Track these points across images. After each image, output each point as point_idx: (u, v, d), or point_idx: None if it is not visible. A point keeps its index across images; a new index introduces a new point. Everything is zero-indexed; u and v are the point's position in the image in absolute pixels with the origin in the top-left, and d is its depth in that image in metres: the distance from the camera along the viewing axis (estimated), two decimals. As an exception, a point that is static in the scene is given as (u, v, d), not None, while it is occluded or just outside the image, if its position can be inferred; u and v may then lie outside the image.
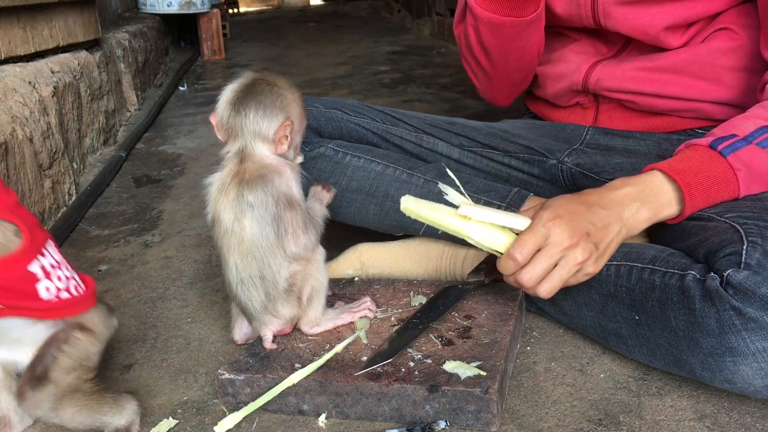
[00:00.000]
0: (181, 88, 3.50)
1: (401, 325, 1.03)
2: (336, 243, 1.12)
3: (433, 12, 4.83)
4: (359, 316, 1.05)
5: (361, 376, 0.91)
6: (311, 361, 0.95)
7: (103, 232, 1.68)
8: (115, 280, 1.41)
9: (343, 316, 1.04)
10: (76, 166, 1.99)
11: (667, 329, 0.90)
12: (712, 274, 0.86)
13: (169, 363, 1.10)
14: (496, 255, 0.96)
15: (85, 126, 2.18)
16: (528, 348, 1.06)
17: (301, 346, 1.00)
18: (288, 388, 0.92)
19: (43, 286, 0.84)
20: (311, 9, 8.80)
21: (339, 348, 0.98)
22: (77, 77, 2.16)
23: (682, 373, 0.92)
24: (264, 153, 0.97)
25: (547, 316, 1.12)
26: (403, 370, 0.92)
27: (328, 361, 0.95)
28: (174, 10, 4.25)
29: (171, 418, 0.95)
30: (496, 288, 1.11)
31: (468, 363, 0.91)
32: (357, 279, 1.23)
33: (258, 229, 0.95)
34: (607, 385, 0.96)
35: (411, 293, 1.13)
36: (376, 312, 1.07)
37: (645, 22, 1.16)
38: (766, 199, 0.96)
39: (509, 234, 0.94)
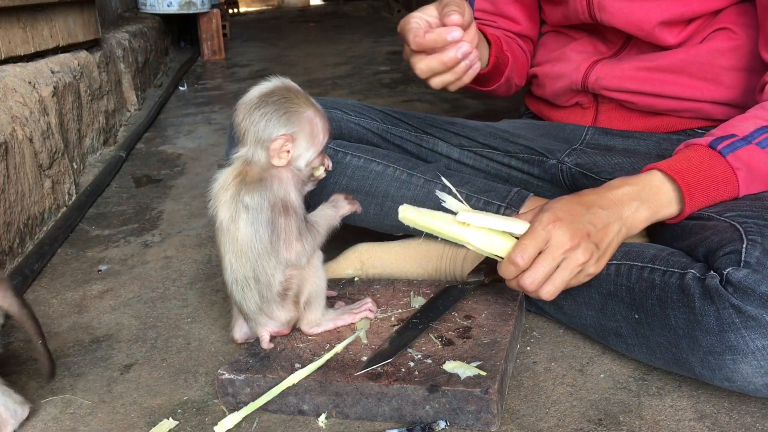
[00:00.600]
0: (181, 88, 3.49)
1: (401, 325, 1.03)
2: (336, 243, 1.11)
3: (433, 12, 4.81)
4: (360, 317, 1.05)
5: (361, 376, 0.91)
6: (311, 361, 0.95)
7: (103, 232, 1.68)
8: (115, 280, 1.41)
9: (344, 317, 1.04)
10: (76, 166, 1.99)
11: (666, 328, 0.90)
12: (712, 272, 0.86)
13: (169, 363, 1.10)
14: (497, 259, 0.96)
15: (85, 126, 2.18)
16: (528, 348, 1.06)
17: (301, 346, 1.00)
18: (288, 388, 0.92)
19: None
20: (311, 9, 8.79)
21: (339, 348, 0.98)
22: (77, 77, 2.16)
23: (682, 371, 0.92)
24: (263, 161, 0.97)
25: (547, 316, 1.12)
26: (403, 370, 0.92)
27: (328, 361, 0.95)
28: (174, 10, 4.25)
29: (171, 418, 0.95)
30: (496, 288, 1.11)
31: (468, 363, 0.91)
32: (357, 279, 1.23)
33: (252, 231, 0.95)
34: (607, 385, 0.96)
35: (411, 293, 1.13)
36: (377, 312, 1.07)
37: (640, 16, 1.16)
38: (765, 198, 0.96)
39: (509, 238, 0.94)
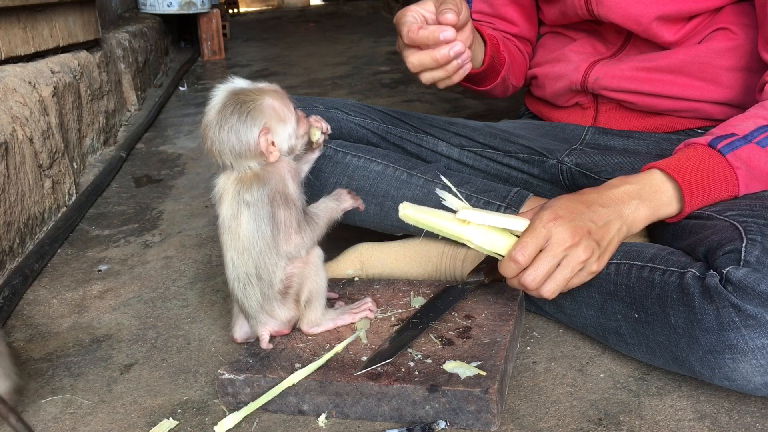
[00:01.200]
0: (181, 88, 3.50)
1: (401, 325, 1.03)
2: (336, 243, 1.12)
3: (433, 12, 4.81)
4: (360, 317, 1.05)
5: (361, 376, 0.91)
6: (311, 361, 0.95)
7: (103, 232, 1.68)
8: (115, 280, 1.41)
9: (344, 317, 1.04)
10: (76, 166, 1.99)
11: (666, 327, 0.90)
12: (712, 271, 0.86)
13: (169, 363, 1.10)
14: (498, 258, 0.96)
15: (85, 126, 2.18)
16: (528, 348, 1.06)
17: (301, 346, 1.00)
18: (288, 388, 0.92)
19: None
20: (311, 9, 8.79)
21: (339, 348, 0.98)
22: (77, 77, 2.16)
23: (682, 371, 0.92)
24: (255, 167, 0.96)
25: (547, 316, 1.12)
26: (403, 370, 0.92)
27: (328, 361, 0.95)
28: (174, 10, 4.25)
29: (171, 418, 0.95)
30: (496, 288, 1.11)
31: (468, 363, 0.91)
32: (357, 279, 1.23)
33: (254, 227, 0.95)
34: (607, 385, 0.96)
35: (411, 293, 1.13)
36: (377, 312, 1.07)
37: (638, 10, 1.16)
38: (765, 198, 0.97)
39: (509, 236, 0.94)
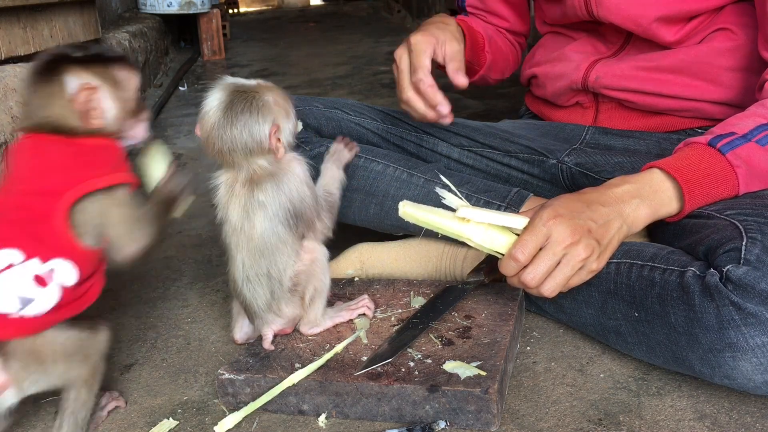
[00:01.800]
0: (181, 89, 3.50)
1: (401, 325, 1.03)
2: (336, 243, 1.11)
3: (433, 12, 4.83)
4: (357, 314, 1.05)
5: (361, 376, 0.91)
6: (311, 361, 0.95)
7: (103, 232, 1.68)
8: (115, 280, 1.41)
9: (342, 314, 1.04)
10: (76, 166, 1.99)
11: (666, 326, 0.90)
12: (712, 270, 0.87)
13: (169, 363, 1.10)
14: (497, 256, 0.96)
15: (85, 126, 2.17)
16: (528, 348, 1.06)
17: (301, 346, 1.00)
18: (288, 388, 0.92)
19: None
20: (311, 9, 8.79)
21: (339, 348, 0.98)
22: (77, 77, 2.16)
23: (682, 369, 0.92)
24: (260, 163, 0.96)
25: (547, 316, 1.12)
26: (403, 370, 0.92)
27: (328, 361, 0.95)
28: (174, 10, 4.25)
29: (171, 418, 0.95)
30: (496, 288, 1.11)
31: (468, 363, 0.91)
32: (357, 279, 1.23)
33: (269, 227, 0.95)
34: (607, 385, 0.96)
35: (411, 293, 1.13)
36: (375, 311, 1.07)
37: (637, 11, 1.16)
38: (765, 196, 0.97)
39: (509, 235, 0.94)
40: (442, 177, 1.01)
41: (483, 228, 0.94)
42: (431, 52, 1.13)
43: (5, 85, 1.68)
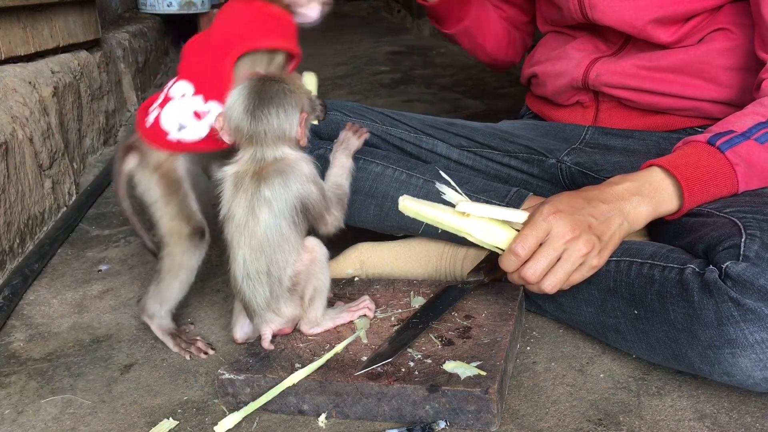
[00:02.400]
0: (181, 88, 3.49)
1: (401, 325, 1.03)
2: (336, 243, 1.11)
3: (433, 12, 4.82)
4: (358, 315, 1.05)
5: (361, 376, 0.91)
6: (311, 361, 0.95)
7: (103, 232, 1.68)
8: (115, 280, 1.41)
9: (343, 316, 1.04)
10: (76, 166, 1.99)
11: (666, 323, 0.90)
12: (711, 267, 0.87)
13: (169, 363, 1.10)
14: (497, 253, 0.96)
15: (85, 126, 2.18)
16: (528, 348, 1.06)
17: (301, 346, 1.00)
18: (288, 388, 0.92)
19: None
20: (311, 9, 8.77)
21: (339, 348, 0.98)
22: (77, 77, 2.16)
23: (681, 367, 0.92)
24: (284, 151, 0.98)
25: (547, 315, 1.12)
26: (403, 370, 0.92)
27: (328, 361, 0.95)
28: (174, 10, 4.25)
29: (171, 418, 0.95)
30: (496, 288, 1.11)
31: (468, 363, 0.91)
32: (357, 279, 1.23)
33: (274, 223, 0.95)
34: (607, 385, 0.96)
35: (411, 293, 1.13)
36: (376, 311, 1.07)
37: (631, 14, 1.17)
38: (765, 195, 0.97)
39: (510, 230, 0.94)
40: (442, 172, 1.01)
41: (483, 223, 0.94)
42: None
43: (5, 85, 1.68)
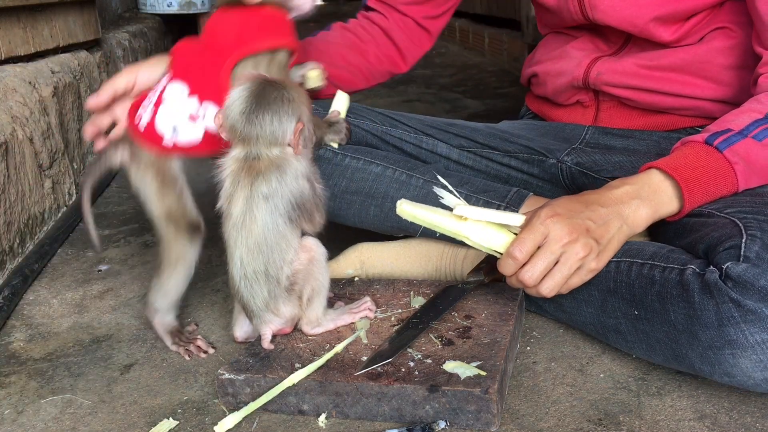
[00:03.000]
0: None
1: (401, 325, 1.03)
2: (336, 243, 1.12)
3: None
4: (360, 317, 1.05)
5: (361, 376, 0.91)
6: (311, 361, 0.95)
7: (103, 232, 1.68)
8: (115, 280, 1.41)
9: (344, 317, 1.04)
10: (76, 166, 1.99)
11: (666, 323, 0.90)
12: (712, 267, 0.87)
13: (169, 363, 1.10)
14: (496, 255, 0.96)
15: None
16: (528, 348, 1.06)
17: (301, 346, 1.00)
18: (288, 388, 0.92)
19: None
20: (311, 9, 8.77)
21: (339, 348, 0.98)
22: (77, 77, 2.16)
23: (682, 367, 0.92)
24: (277, 154, 0.97)
25: (547, 315, 1.12)
26: (403, 370, 0.92)
27: (328, 361, 0.95)
28: (174, 10, 4.25)
29: (171, 418, 0.95)
30: (496, 288, 1.11)
31: (468, 363, 0.91)
32: (357, 279, 1.23)
33: (270, 221, 0.95)
34: (607, 385, 0.96)
35: (411, 293, 1.13)
36: (376, 311, 1.07)
37: (632, 12, 1.17)
38: (765, 194, 0.97)
39: (508, 234, 0.94)
40: (439, 177, 1.01)
41: (481, 226, 0.94)
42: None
43: (5, 85, 1.68)
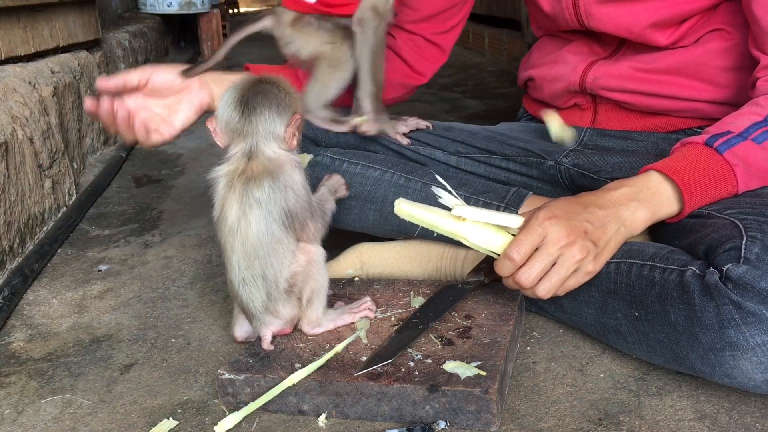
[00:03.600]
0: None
1: (401, 325, 1.03)
2: (336, 243, 1.12)
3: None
4: (360, 317, 1.05)
5: (361, 376, 0.91)
6: (311, 361, 0.95)
7: (103, 232, 1.68)
8: (115, 280, 1.41)
9: (344, 317, 1.04)
10: (76, 166, 1.99)
11: (666, 325, 0.90)
12: (712, 269, 0.87)
13: (169, 363, 1.10)
14: (494, 256, 0.96)
15: (85, 126, 2.18)
16: (528, 348, 1.06)
17: (301, 346, 1.00)
18: (288, 388, 0.92)
19: None
20: (311, 9, 8.77)
21: (339, 348, 0.98)
22: (77, 77, 2.16)
23: (682, 369, 0.92)
24: (273, 150, 0.98)
25: (547, 316, 1.12)
26: (403, 370, 0.92)
27: (328, 361, 0.95)
28: (174, 10, 4.25)
29: (171, 418, 0.95)
30: (496, 288, 1.11)
31: (468, 363, 0.91)
32: (357, 279, 1.23)
33: (264, 226, 0.95)
34: (607, 385, 0.96)
35: (411, 293, 1.13)
36: (376, 312, 1.08)
37: (629, 20, 1.17)
38: (765, 195, 0.97)
39: (505, 235, 0.94)
40: (438, 177, 1.01)
41: (479, 227, 0.94)
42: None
43: (5, 85, 1.68)
